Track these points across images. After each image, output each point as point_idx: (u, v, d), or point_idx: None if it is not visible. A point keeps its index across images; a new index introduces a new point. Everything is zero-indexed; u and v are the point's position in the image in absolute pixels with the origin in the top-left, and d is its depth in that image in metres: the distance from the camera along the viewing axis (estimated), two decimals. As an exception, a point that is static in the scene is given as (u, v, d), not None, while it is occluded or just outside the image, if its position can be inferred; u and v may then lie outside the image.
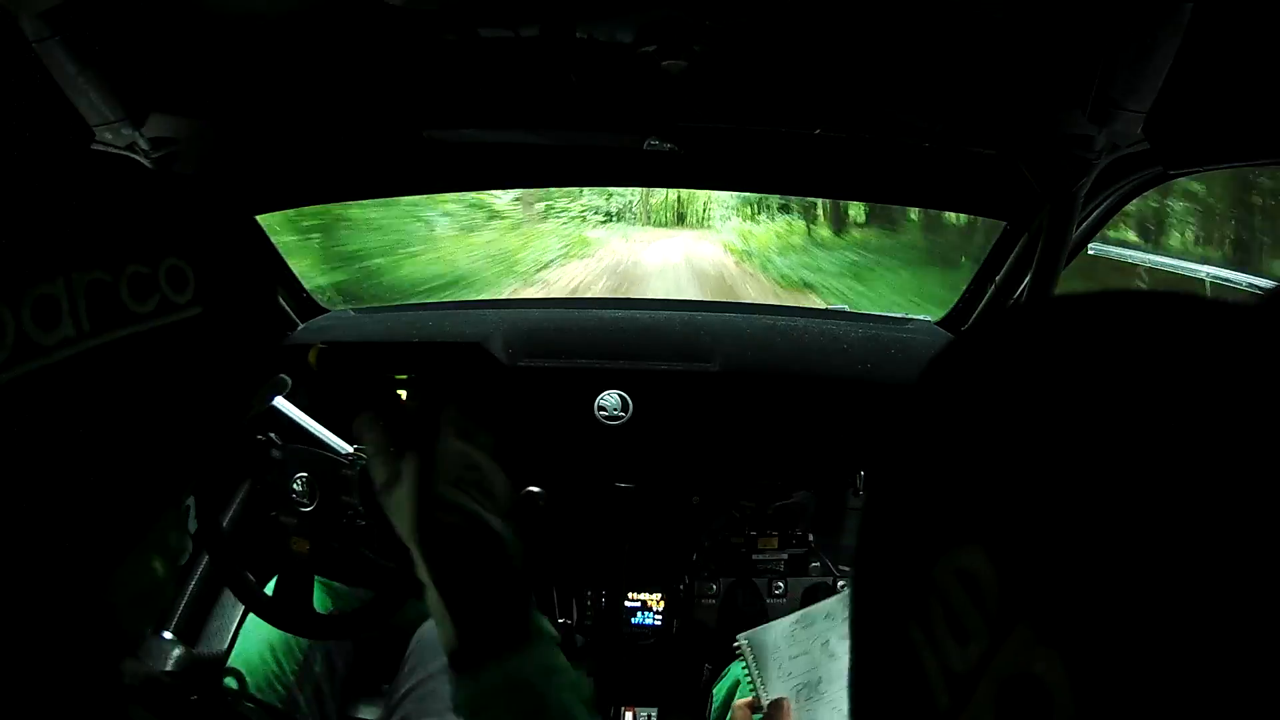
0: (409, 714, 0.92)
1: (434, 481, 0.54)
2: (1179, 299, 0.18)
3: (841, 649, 0.84)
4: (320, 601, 1.06)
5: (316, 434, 0.96)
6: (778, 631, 0.90)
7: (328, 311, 1.45)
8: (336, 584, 1.09)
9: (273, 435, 0.94)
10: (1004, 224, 1.21)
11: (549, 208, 12.88)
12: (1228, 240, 6.48)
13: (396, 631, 1.06)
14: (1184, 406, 0.15)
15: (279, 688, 0.93)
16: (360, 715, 1.15)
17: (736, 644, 0.91)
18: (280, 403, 0.96)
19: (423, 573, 0.53)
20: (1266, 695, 0.13)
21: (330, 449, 0.94)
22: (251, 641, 1.01)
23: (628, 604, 1.33)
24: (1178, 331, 0.17)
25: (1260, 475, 0.14)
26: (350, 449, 0.94)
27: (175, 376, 0.37)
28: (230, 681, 0.93)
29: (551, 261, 11.03)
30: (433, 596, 0.52)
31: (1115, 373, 0.17)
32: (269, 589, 0.93)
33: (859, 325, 1.42)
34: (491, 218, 10.84)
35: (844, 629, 0.84)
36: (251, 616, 1.05)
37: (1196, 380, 0.16)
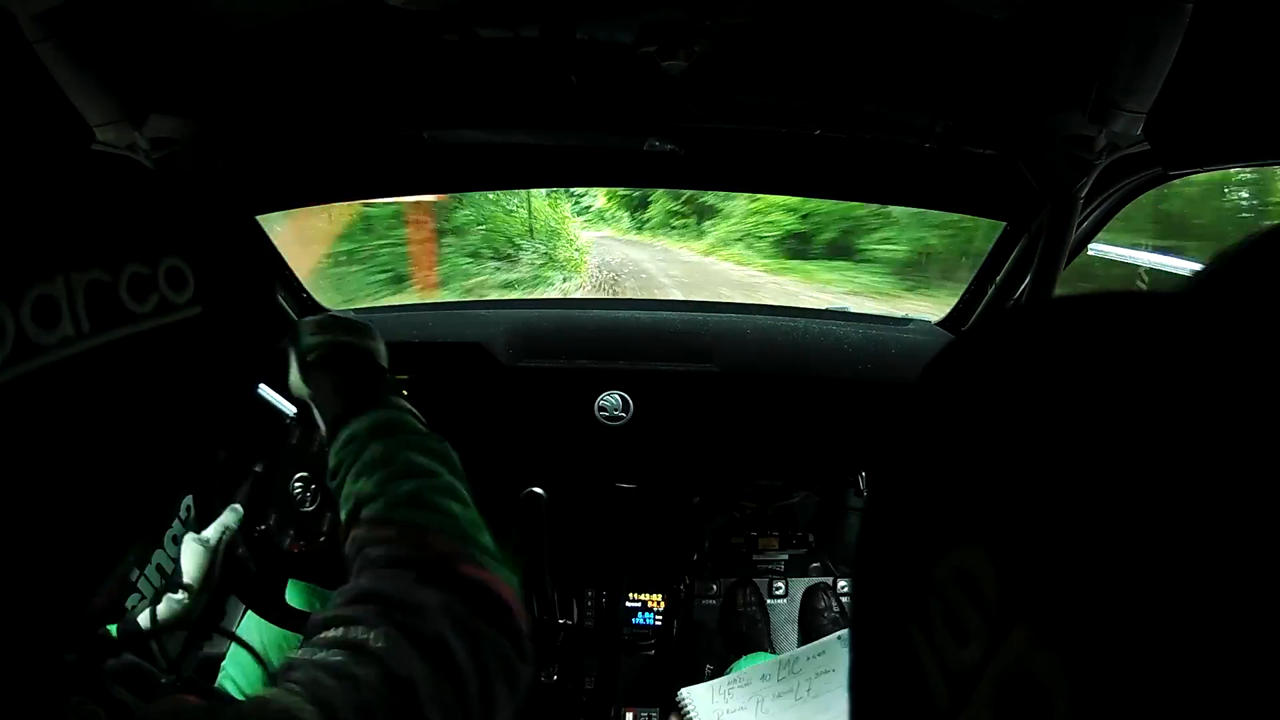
0: None
1: (299, 340, 0.72)
2: (1179, 301, 0.18)
3: (776, 706, 0.89)
4: (308, 603, 1.06)
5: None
6: (715, 689, 0.95)
7: (328, 311, 1.45)
8: (324, 589, 1.09)
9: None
10: (1004, 224, 1.21)
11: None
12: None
13: None
14: (1181, 407, 0.15)
15: (270, 684, 0.94)
16: None
17: (678, 699, 0.96)
18: (265, 391, 0.95)
19: (304, 390, 0.71)
20: (1264, 695, 0.13)
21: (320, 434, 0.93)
22: (244, 639, 1.01)
23: (628, 604, 1.33)
24: (1176, 333, 0.17)
25: (1258, 476, 0.14)
26: None
27: (174, 376, 0.37)
28: (228, 679, 0.93)
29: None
30: (324, 385, 0.69)
31: (1114, 373, 0.17)
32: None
33: (859, 325, 1.42)
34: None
35: (779, 688, 0.89)
36: (249, 615, 1.05)
37: (1194, 381, 0.15)
